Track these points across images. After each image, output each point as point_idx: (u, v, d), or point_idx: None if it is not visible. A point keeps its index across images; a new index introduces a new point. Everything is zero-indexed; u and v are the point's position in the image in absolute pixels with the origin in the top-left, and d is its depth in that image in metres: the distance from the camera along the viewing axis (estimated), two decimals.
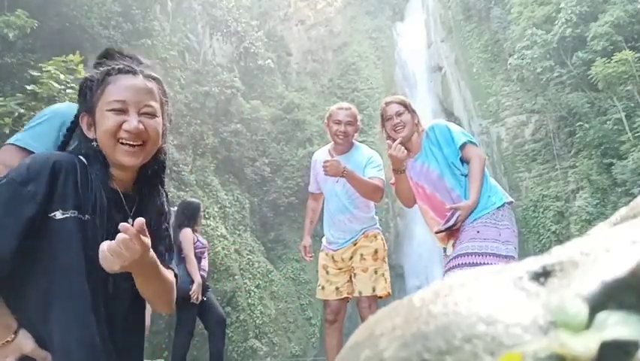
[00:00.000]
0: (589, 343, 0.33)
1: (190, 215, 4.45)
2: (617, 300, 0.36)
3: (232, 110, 19.21)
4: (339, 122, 3.03)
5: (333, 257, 3.19)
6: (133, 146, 1.16)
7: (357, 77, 26.29)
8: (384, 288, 3.01)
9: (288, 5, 27.75)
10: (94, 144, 1.18)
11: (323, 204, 3.40)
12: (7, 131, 8.05)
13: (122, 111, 1.16)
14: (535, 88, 19.60)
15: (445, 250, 2.63)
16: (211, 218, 14.89)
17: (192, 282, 4.16)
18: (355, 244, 3.13)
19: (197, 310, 4.33)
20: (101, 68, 1.21)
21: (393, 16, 31.27)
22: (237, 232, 16.79)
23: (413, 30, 29.39)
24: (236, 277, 14.69)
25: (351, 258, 3.12)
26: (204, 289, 4.39)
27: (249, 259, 16.50)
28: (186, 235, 4.34)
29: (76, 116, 1.23)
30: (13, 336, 1.03)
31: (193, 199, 5.08)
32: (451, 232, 2.51)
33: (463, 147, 2.56)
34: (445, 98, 25.32)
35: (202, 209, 4.64)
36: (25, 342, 1.05)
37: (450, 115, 24.76)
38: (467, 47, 25.19)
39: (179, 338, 4.29)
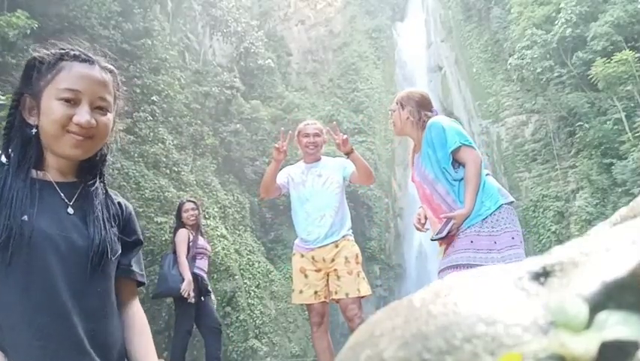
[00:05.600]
0: (589, 343, 0.33)
1: (177, 213, 4.51)
2: (617, 300, 0.36)
3: (232, 110, 19.20)
4: (307, 135, 3.37)
5: (313, 257, 3.23)
6: (81, 138, 1.08)
7: (357, 77, 26.28)
8: (367, 289, 3.18)
9: (288, 5, 27.74)
10: (34, 130, 1.08)
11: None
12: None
13: (74, 102, 1.07)
14: (535, 88, 19.60)
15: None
16: (211, 218, 14.87)
17: (183, 280, 4.17)
18: (337, 246, 3.22)
19: (195, 311, 4.32)
20: (53, 50, 1.11)
21: (393, 16, 31.28)
22: (237, 232, 16.78)
23: (413, 30, 29.40)
24: (236, 277, 14.67)
25: (333, 260, 3.20)
26: (204, 292, 4.38)
27: (248, 259, 16.48)
28: (179, 234, 4.37)
29: (16, 98, 1.11)
30: None
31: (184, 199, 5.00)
32: (445, 239, 2.49)
33: (456, 150, 2.48)
34: (445, 98, 25.30)
35: (188, 208, 4.49)
36: None
37: (450, 115, 24.73)
38: (467, 47, 25.19)
39: (177, 338, 4.28)
